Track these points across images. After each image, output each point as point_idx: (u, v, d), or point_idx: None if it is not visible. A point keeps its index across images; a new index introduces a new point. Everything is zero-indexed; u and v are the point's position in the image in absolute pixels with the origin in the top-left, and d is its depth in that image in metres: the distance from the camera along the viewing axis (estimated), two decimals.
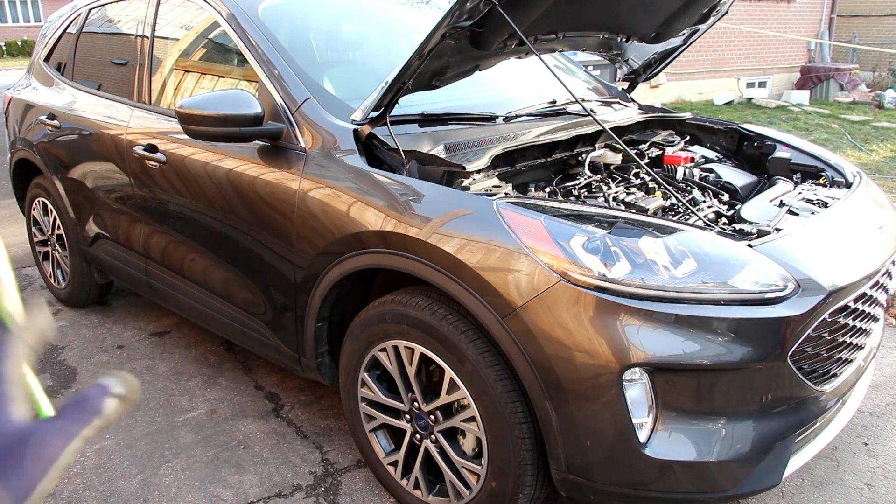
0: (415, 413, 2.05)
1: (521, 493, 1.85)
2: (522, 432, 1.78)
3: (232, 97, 2.22)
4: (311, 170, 2.17)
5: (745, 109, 10.68)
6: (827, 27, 13.24)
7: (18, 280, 4.19)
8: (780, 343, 1.67)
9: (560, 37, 2.38)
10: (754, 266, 1.70)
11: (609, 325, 1.61)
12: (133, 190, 2.95)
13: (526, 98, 2.79)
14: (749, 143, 2.82)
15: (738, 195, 2.44)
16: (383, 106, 2.10)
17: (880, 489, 2.27)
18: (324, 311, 2.22)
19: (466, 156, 2.16)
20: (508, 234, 1.73)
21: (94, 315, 3.74)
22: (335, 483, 2.35)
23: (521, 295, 1.68)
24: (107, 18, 3.50)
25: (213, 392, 2.93)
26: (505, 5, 1.92)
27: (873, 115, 9.90)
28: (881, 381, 2.93)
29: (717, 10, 2.67)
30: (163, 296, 3.03)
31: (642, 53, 2.96)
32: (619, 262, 1.65)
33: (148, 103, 2.98)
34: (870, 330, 2.07)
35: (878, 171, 6.54)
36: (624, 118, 2.78)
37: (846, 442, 2.51)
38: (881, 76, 12.30)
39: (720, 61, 11.76)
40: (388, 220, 1.93)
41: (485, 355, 1.80)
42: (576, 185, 2.37)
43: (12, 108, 3.95)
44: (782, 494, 2.25)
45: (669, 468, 1.66)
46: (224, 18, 2.61)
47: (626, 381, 1.62)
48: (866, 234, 2.08)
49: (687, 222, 1.93)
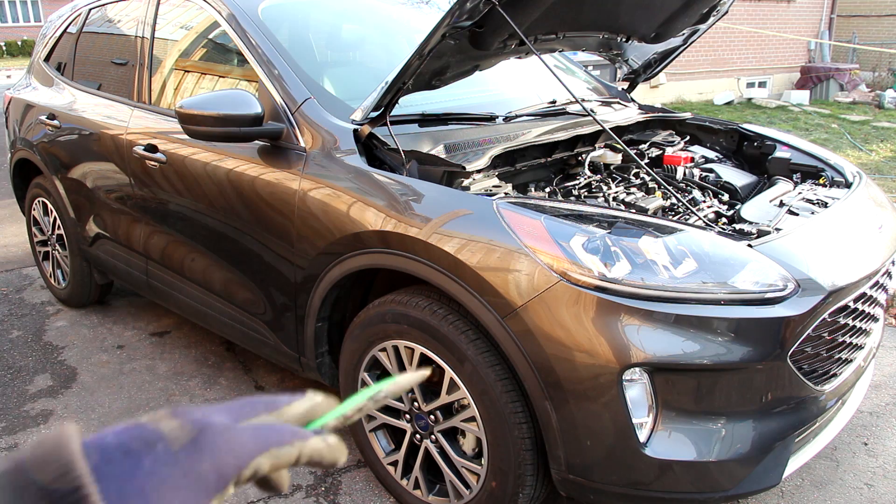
0: (415, 413, 2.05)
1: (521, 492, 1.85)
2: (522, 432, 1.78)
3: (232, 97, 2.22)
4: (311, 170, 2.17)
5: (745, 109, 10.68)
6: (827, 27, 13.23)
7: (18, 280, 4.20)
8: (780, 343, 1.67)
9: (560, 37, 2.38)
10: (754, 266, 1.70)
11: (609, 324, 1.61)
12: (133, 190, 2.95)
13: (526, 98, 2.79)
14: (749, 143, 2.82)
15: (738, 195, 2.44)
16: (383, 106, 2.10)
17: (880, 489, 2.27)
18: (324, 311, 2.22)
19: (466, 156, 2.16)
20: (508, 234, 1.73)
21: (94, 315, 3.74)
22: (335, 483, 2.35)
23: (521, 295, 1.68)
24: (107, 18, 3.50)
25: (214, 392, 2.93)
26: (505, 5, 1.92)
27: (873, 115, 9.89)
28: (881, 381, 2.92)
29: (717, 10, 2.67)
30: (163, 296, 3.03)
31: (642, 53, 2.96)
32: (619, 262, 1.65)
33: (148, 103, 2.98)
34: (870, 330, 2.07)
35: (878, 171, 6.54)
36: (624, 118, 2.78)
37: (846, 442, 2.51)
38: (881, 76, 12.30)
39: (720, 61, 11.76)
40: (388, 220, 1.94)
41: (485, 355, 1.80)
42: (576, 185, 2.37)
43: (12, 108, 3.95)
44: (782, 494, 2.25)
45: (669, 468, 1.66)
46: (224, 18, 2.61)
47: (626, 380, 1.62)
48: (866, 235, 2.08)
49: (687, 222, 1.93)
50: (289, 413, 0.47)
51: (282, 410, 0.47)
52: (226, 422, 0.43)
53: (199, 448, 0.40)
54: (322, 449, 0.46)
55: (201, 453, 0.40)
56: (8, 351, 3.34)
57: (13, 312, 3.79)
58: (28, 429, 2.69)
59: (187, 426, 0.41)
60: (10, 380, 3.07)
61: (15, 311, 3.80)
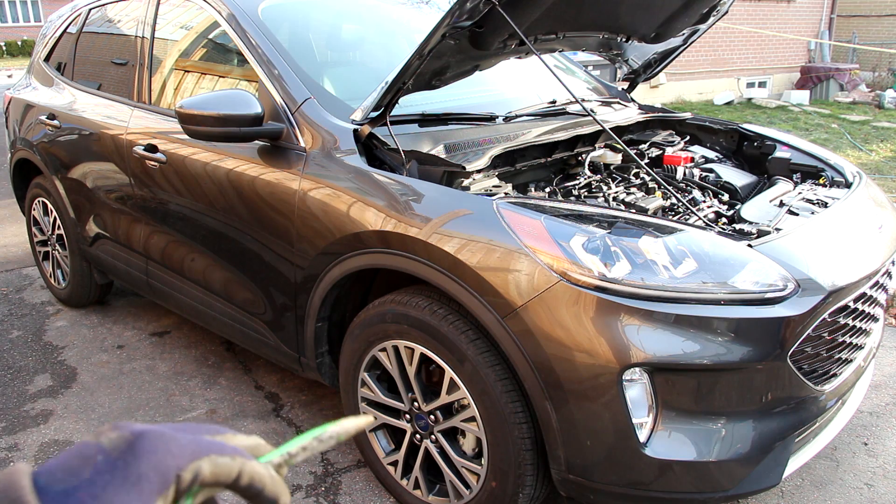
0: (415, 413, 2.05)
1: (521, 492, 1.85)
2: (522, 432, 1.78)
3: (232, 97, 2.22)
4: (311, 170, 2.17)
5: (745, 109, 10.68)
6: (827, 27, 13.23)
7: (18, 280, 4.20)
8: (780, 343, 1.67)
9: (560, 37, 2.38)
10: (754, 266, 1.70)
11: (609, 324, 1.61)
12: (133, 190, 2.95)
13: (526, 98, 2.79)
14: (749, 143, 2.82)
15: (738, 195, 2.44)
16: (383, 106, 2.10)
17: (880, 489, 2.27)
18: (324, 311, 2.22)
19: (466, 156, 2.16)
20: (508, 234, 1.73)
21: (94, 315, 3.74)
22: (335, 483, 2.35)
23: (521, 295, 1.68)
24: (107, 18, 3.50)
25: (214, 392, 2.93)
26: (505, 5, 1.92)
27: (873, 115, 9.89)
28: (881, 381, 2.92)
29: (717, 10, 2.67)
30: (163, 296, 3.03)
31: (642, 53, 2.96)
32: (619, 262, 1.65)
33: (148, 103, 2.98)
34: (870, 330, 2.07)
35: (878, 171, 6.54)
36: (624, 118, 2.78)
37: (846, 442, 2.51)
38: (881, 76, 12.30)
39: (720, 61, 11.76)
40: (388, 220, 1.94)
41: (485, 355, 1.80)
42: (576, 185, 2.37)
43: (12, 108, 3.95)
44: (782, 494, 2.25)
45: (669, 468, 1.66)
46: (224, 18, 2.61)
47: (626, 380, 1.62)
48: (866, 234, 2.08)
49: (687, 222, 1.93)
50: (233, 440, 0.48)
51: (226, 436, 0.48)
52: (166, 430, 0.44)
53: (137, 453, 0.41)
54: (264, 476, 0.46)
55: (139, 457, 0.41)
56: (8, 351, 3.34)
57: (13, 312, 3.79)
58: (28, 429, 2.69)
59: (126, 434, 0.42)
60: (10, 380, 3.07)
61: (15, 311, 3.80)
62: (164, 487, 0.41)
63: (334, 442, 0.52)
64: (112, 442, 0.42)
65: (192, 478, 0.43)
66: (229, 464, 0.45)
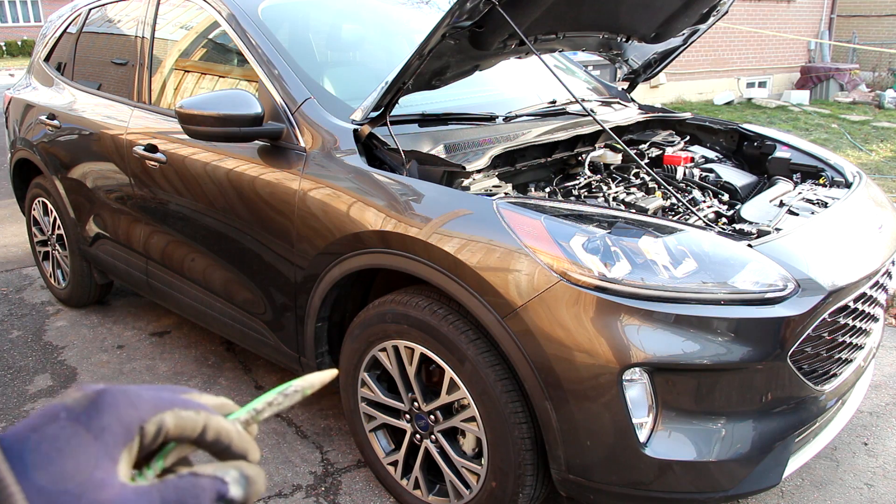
0: (415, 413, 2.05)
1: (521, 492, 1.85)
2: (522, 432, 1.78)
3: (232, 97, 2.22)
4: (311, 170, 2.17)
5: (745, 109, 10.68)
6: (827, 27, 13.23)
7: (18, 280, 4.19)
8: (780, 343, 1.67)
9: (560, 37, 2.38)
10: (754, 266, 1.70)
11: (609, 324, 1.61)
12: (133, 190, 2.95)
13: (526, 98, 2.79)
14: (749, 143, 2.82)
15: (738, 195, 2.44)
16: (383, 106, 2.10)
17: (880, 489, 2.27)
18: (324, 311, 2.22)
19: (466, 156, 2.16)
20: (508, 234, 1.73)
21: (94, 315, 3.74)
22: (335, 483, 2.35)
23: (521, 295, 1.68)
24: (107, 18, 3.50)
25: (214, 392, 2.92)
26: (505, 5, 1.92)
27: (873, 115, 9.89)
28: (881, 381, 2.92)
29: (717, 10, 2.67)
30: (163, 296, 3.03)
31: (642, 53, 2.96)
32: (619, 262, 1.65)
33: (148, 103, 2.98)
34: (870, 330, 2.07)
35: (878, 171, 6.54)
36: (624, 118, 2.78)
37: (846, 442, 2.51)
38: (881, 76, 12.30)
39: (720, 61, 11.76)
40: (388, 220, 1.94)
41: (485, 355, 1.80)
42: (576, 185, 2.37)
43: (12, 108, 3.95)
44: (782, 494, 2.25)
45: (669, 468, 1.66)
46: (224, 18, 2.61)
47: (626, 380, 1.62)
48: (866, 234, 2.08)
49: (687, 222, 1.93)
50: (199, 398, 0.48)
51: (192, 394, 0.48)
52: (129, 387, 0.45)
53: (100, 407, 0.42)
54: (231, 431, 0.47)
55: (102, 411, 0.42)
56: (8, 351, 3.34)
57: (13, 312, 3.79)
58: None
59: (89, 393, 0.43)
60: (10, 380, 3.07)
61: (15, 311, 3.80)
62: (127, 439, 0.42)
63: (300, 397, 0.52)
64: (76, 400, 0.43)
65: (155, 430, 0.43)
66: (194, 417, 0.45)
